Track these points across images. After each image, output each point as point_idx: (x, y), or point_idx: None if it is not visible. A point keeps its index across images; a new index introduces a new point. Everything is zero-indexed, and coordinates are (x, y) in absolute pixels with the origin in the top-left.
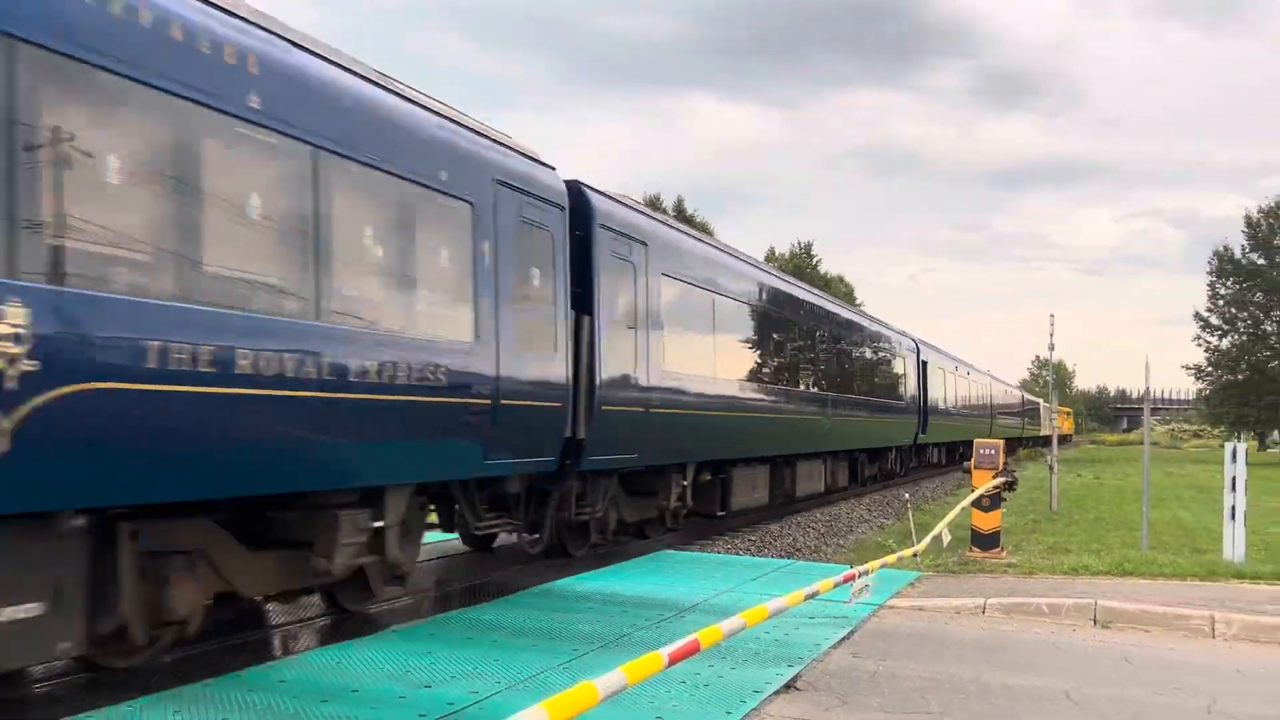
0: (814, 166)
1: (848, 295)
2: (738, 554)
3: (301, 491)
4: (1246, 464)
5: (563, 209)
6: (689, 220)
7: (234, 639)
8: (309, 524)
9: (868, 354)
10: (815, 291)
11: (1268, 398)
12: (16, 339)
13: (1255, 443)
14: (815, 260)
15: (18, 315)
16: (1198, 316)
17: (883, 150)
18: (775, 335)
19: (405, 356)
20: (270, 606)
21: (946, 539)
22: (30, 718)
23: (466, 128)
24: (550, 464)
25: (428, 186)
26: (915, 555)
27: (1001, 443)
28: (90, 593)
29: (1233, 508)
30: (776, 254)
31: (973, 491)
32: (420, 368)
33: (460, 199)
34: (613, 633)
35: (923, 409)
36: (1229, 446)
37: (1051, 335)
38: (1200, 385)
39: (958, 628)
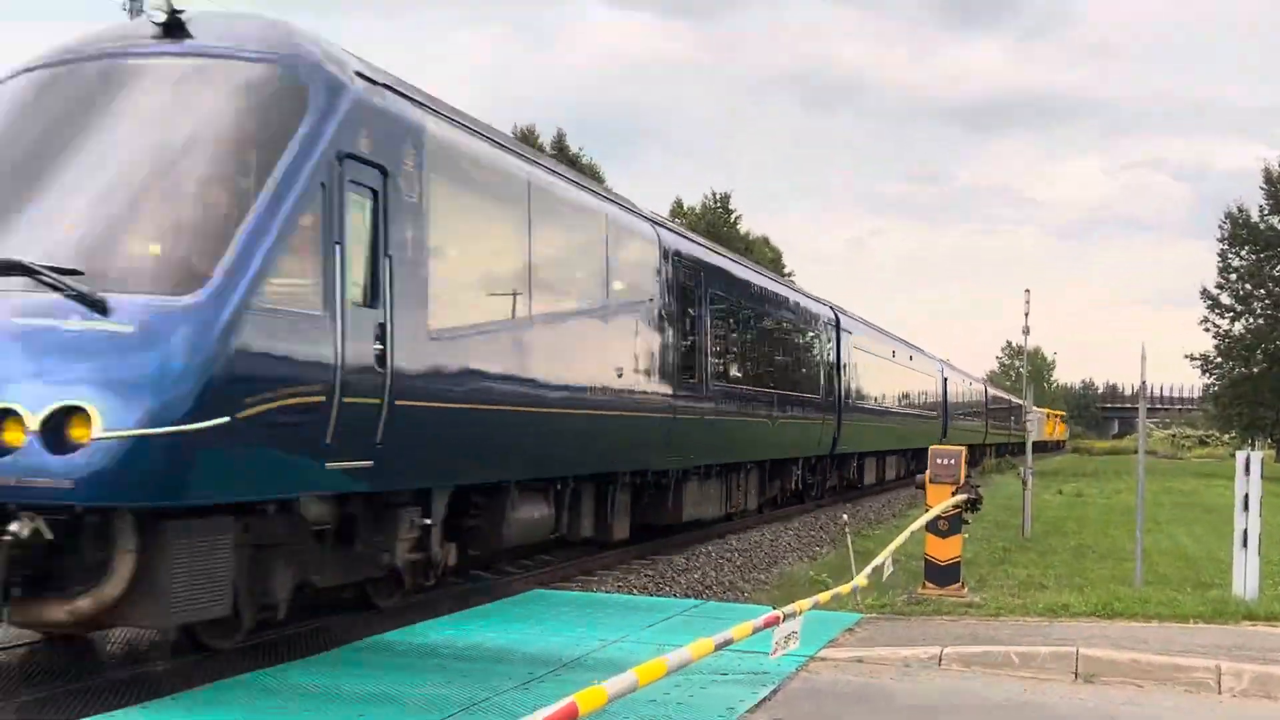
0: (732, 96)
1: (775, 263)
2: (632, 592)
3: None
4: (1262, 478)
5: (836, 324)
6: (573, 162)
7: None
8: (787, 470)
9: (922, 377)
10: (910, 342)
11: None
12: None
13: (1273, 452)
14: (734, 217)
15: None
16: (1205, 294)
17: (819, 78)
18: (899, 375)
19: (812, 402)
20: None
21: (889, 570)
22: None
23: (814, 299)
24: (827, 448)
25: (810, 333)
26: (854, 592)
27: (963, 450)
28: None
29: (1244, 532)
30: (685, 208)
31: (926, 512)
32: (806, 407)
33: (817, 333)
34: (466, 696)
35: (945, 417)
36: (1241, 456)
37: (1026, 315)
38: (1208, 380)
39: (907, 684)
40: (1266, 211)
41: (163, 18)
